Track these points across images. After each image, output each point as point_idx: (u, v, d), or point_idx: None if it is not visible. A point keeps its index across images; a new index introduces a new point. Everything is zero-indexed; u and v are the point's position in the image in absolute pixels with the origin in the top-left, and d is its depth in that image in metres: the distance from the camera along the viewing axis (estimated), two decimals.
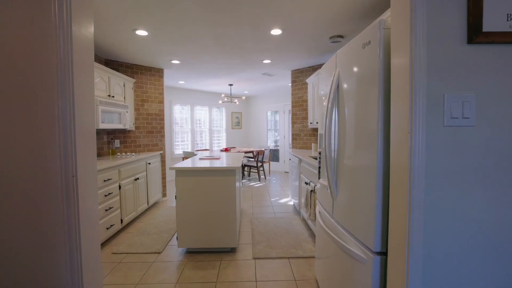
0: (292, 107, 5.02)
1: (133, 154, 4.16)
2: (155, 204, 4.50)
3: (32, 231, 0.99)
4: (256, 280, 2.19)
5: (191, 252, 2.70)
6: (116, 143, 4.23)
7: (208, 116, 7.95)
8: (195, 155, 4.43)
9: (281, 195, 5.05)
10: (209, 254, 2.67)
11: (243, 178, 6.78)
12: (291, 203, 4.53)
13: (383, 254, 1.22)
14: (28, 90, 0.96)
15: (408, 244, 0.98)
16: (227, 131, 8.56)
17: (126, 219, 3.35)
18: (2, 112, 0.95)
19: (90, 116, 1.12)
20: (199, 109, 7.70)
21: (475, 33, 0.94)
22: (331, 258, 1.71)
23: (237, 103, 7.34)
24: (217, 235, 2.64)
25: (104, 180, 2.83)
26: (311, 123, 4.22)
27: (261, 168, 6.90)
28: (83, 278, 1.05)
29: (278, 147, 8.11)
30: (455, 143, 0.98)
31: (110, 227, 2.93)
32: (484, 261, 1.00)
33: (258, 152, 6.38)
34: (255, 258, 2.56)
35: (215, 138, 8.20)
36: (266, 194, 5.17)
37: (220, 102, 6.62)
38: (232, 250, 2.73)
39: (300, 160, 3.66)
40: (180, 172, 2.61)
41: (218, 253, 2.68)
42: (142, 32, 3.01)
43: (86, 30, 1.10)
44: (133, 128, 4.32)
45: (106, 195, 2.85)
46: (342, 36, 3.21)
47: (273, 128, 8.38)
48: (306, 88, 4.73)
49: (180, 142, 7.16)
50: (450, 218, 0.99)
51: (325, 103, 1.82)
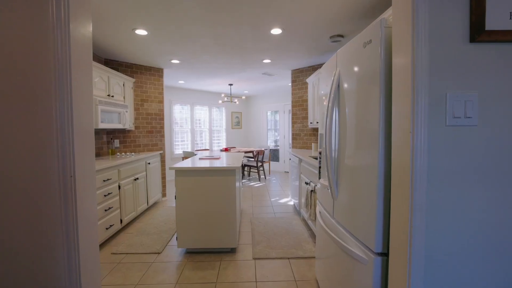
0: (292, 106, 5.01)
1: (132, 154, 4.15)
2: (154, 204, 4.49)
3: (29, 232, 0.98)
4: (256, 281, 2.18)
5: (190, 253, 2.69)
6: (116, 143, 4.22)
7: (208, 116, 7.94)
8: (195, 155, 4.41)
9: (281, 195, 5.04)
10: (209, 254, 2.66)
11: (243, 178, 6.77)
12: (291, 203, 4.52)
13: (384, 255, 1.21)
14: (26, 90, 0.95)
15: (410, 245, 0.97)
16: (227, 131, 8.55)
17: (126, 219, 3.34)
18: None
19: (89, 116, 1.11)
20: (199, 109, 7.69)
21: (478, 31, 0.93)
22: (332, 259, 1.70)
23: (237, 103, 7.32)
24: (217, 235, 2.63)
25: (104, 180, 2.82)
26: (311, 123, 4.21)
27: (261, 168, 6.90)
28: (81, 278, 1.04)
29: (278, 147, 8.10)
30: (457, 143, 0.97)
31: (110, 227, 2.92)
32: (484, 261, 1.00)
33: (258, 152, 6.37)
34: (255, 259, 2.55)
35: (215, 138, 8.19)
36: (266, 194, 5.16)
37: (220, 102, 6.61)
38: (232, 251, 2.72)
39: (300, 160, 3.65)
40: (180, 172, 2.61)
41: (218, 253, 2.67)
42: (141, 32, 3.00)
43: (84, 28, 1.09)
44: (132, 128, 4.31)
45: (105, 195, 2.84)
46: (342, 36, 3.20)
47: (273, 128, 8.37)
48: (306, 87, 4.72)
49: (180, 142, 7.15)
50: (451, 218, 0.98)
51: (325, 102, 1.81)
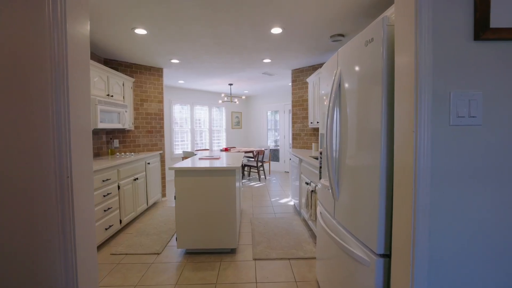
0: (293, 106, 4.99)
1: (132, 154, 4.13)
2: (154, 204, 4.47)
3: (26, 232, 0.96)
4: (256, 282, 2.16)
5: (190, 253, 2.67)
6: (115, 142, 4.21)
7: (208, 116, 7.92)
8: (195, 155, 4.40)
9: (281, 195, 5.03)
10: (208, 255, 2.64)
11: (243, 178, 6.75)
12: (292, 203, 4.50)
13: (387, 256, 1.19)
14: (22, 89, 0.94)
15: (413, 246, 0.95)
16: (227, 130, 8.54)
17: (125, 220, 3.33)
18: None
19: (86, 115, 1.09)
20: (199, 108, 7.67)
21: (483, 29, 0.91)
22: (333, 260, 1.68)
23: (237, 102, 7.31)
24: (217, 235, 2.62)
25: (103, 180, 2.81)
26: (311, 122, 4.19)
27: (261, 168, 6.88)
28: (78, 278, 1.03)
29: (278, 147, 8.08)
30: (460, 143, 0.95)
31: (109, 228, 2.91)
32: (484, 261, 0.99)
33: (258, 152, 6.36)
34: (255, 259, 2.54)
35: (215, 138, 8.17)
36: (266, 194, 5.14)
37: (220, 101, 6.60)
38: (232, 251, 2.70)
39: (300, 160, 3.63)
40: (180, 172, 2.59)
41: (218, 254, 2.66)
42: (141, 31, 2.99)
43: (81, 27, 1.07)
44: (132, 128, 4.29)
45: (104, 196, 2.83)
46: (343, 35, 3.18)
47: (273, 128, 8.35)
48: (307, 87, 4.71)
49: (179, 142, 7.13)
50: (455, 219, 0.97)
51: (326, 102, 1.80)
